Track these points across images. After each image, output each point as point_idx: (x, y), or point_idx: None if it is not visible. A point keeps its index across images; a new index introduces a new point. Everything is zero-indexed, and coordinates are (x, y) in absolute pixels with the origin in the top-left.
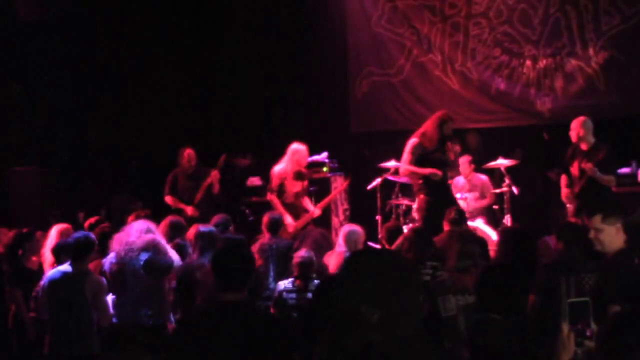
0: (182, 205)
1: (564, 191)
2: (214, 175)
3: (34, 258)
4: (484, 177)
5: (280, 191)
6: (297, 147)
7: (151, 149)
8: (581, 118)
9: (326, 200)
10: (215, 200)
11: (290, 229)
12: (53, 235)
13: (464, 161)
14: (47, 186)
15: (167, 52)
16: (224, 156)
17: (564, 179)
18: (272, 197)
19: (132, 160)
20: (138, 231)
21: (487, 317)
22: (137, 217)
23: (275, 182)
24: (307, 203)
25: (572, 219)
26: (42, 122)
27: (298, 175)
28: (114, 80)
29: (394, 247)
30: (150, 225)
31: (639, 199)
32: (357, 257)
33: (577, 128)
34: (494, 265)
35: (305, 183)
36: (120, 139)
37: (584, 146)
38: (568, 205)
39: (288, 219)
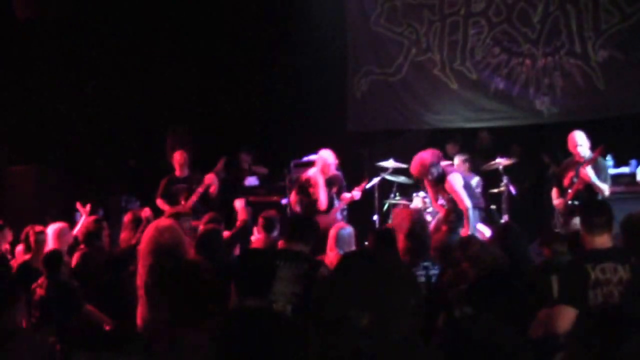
0: (167, 208)
1: (557, 202)
2: (211, 178)
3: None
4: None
5: (311, 199)
6: (319, 155)
7: (149, 149)
8: (576, 131)
9: (345, 200)
10: (210, 203)
11: None
12: (50, 235)
13: (459, 160)
14: (44, 185)
15: (166, 51)
16: (223, 159)
17: (555, 192)
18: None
19: (130, 159)
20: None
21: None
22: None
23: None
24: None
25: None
26: (39, 121)
27: (327, 182)
28: (113, 80)
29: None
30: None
31: (639, 199)
32: (347, 259)
33: (573, 140)
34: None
35: (334, 189)
36: (118, 138)
37: (579, 158)
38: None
39: None
